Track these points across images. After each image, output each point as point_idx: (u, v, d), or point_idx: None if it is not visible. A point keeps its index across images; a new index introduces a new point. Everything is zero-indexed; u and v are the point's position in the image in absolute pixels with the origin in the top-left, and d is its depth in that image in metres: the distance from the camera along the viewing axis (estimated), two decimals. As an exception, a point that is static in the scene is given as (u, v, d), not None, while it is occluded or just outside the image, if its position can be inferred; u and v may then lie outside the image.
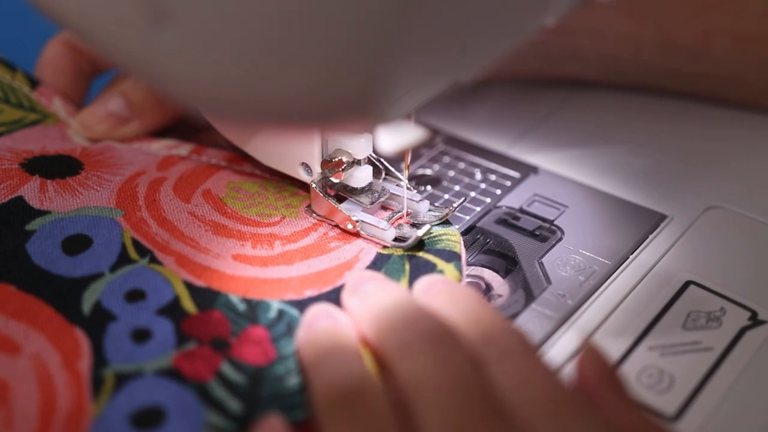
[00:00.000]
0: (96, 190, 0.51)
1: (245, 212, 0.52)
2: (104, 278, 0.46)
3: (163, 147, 0.56)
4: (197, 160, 0.55)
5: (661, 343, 0.48)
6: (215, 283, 0.47)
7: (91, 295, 0.46)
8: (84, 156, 0.54)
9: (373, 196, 0.53)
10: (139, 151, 0.56)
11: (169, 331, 0.44)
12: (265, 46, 0.34)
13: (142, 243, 0.48)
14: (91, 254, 0.48)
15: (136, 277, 0.47)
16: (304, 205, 0.53)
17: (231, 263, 0.49)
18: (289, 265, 0.49)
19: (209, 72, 0.36)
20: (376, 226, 0.51)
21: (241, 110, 0.39)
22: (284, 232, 0.51)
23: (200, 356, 0.43)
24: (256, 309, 0.46)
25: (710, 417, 0.45)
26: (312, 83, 0.35)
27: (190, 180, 0.53)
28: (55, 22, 0.39)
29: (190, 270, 0.48)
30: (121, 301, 0.46)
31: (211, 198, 0.52)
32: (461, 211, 0.56)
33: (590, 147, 0.62)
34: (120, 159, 0.54)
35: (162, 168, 0.54)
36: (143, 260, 0.48)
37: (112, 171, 0.53)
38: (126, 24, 0.36)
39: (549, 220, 0.56)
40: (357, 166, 0.52)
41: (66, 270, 0.47)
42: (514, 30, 0.40)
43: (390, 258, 0.50)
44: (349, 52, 0.34)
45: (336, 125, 0.45)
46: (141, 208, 0.50)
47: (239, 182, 0.54)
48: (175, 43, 0.35)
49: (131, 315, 0.45)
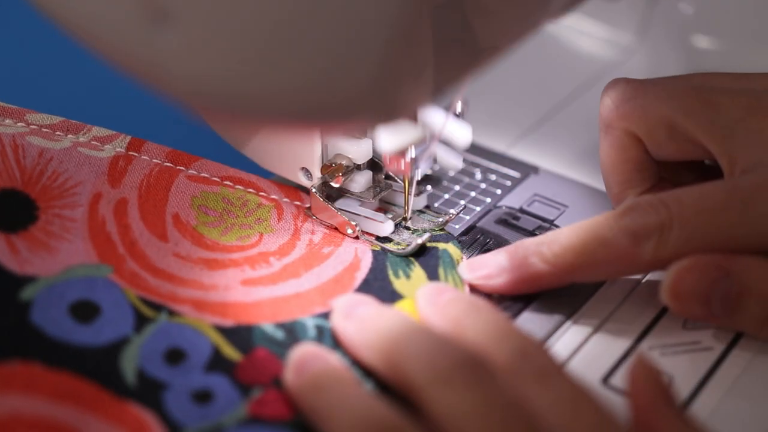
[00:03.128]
0: (68, 240, 0.48)
1: (224, 240, 0.50)
2: (134, 342, 0.44)
3: (92, 140, 0.53)
4: (144, 163, 0.52)
5: (661, 343, 0.48)
6: (242, 317, 0.46)
7: (129, 363, 0.43)
8: (27, 185, 0.50)
9: (375, 191, 0.53)
10: (75, 157, 0.52)
11: (228, 386, 0.43)
12: (266, 42, 0.34)
13: (149, 299, 0.46)
14: (106, 319, 0.45)
15: (165, 335, 0.45)
16: (274, 216, 0.52)
17: (243, 290, 0.48)
18: (297, 278, 0.49)
19: (211, 70, 0.36)
20: (373, 220, 0.51)
21: (243, 109, 0.39)
22: (271, 247, 0.51)
23: (271, 400, 0.42)
24: (293, 332, 0.46)
25: (710, 417, 0.45)
26: (313, 80, 0.35)
27: (154, 201, 0.51)
28: (56, 22, 0.39)
29: (212, 311, 0.46)
30: (163, 365, 0.43)
31: (186, 229, 0.50)
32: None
33: (590, 147, 0.62)
34: (66, 178, 0.51)
35: (114, 183, 0.51)
36: (162, 315, 0.46)
37: (68, 202, 0.50)
38: (126, 24, 0.36)
39: (549, 220, 0.56)
40: (357, 171, 0.52)
41: (89, 338, 0.44)
42: (514, 29, 0.40)
43: (387, 253, 0.51)
44: (349, 49, 0.34)
45: (336, 124, 0.45)
46: (125, 258, 0.48)
47: (201, 196, 0.52)
48: (176, 42, 0.35)
49: (182, 379, 0.43)
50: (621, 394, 0.45)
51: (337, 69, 0.35)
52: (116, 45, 0.38)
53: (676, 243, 0.45)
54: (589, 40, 0.72)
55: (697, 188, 0.47)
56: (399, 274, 0.50)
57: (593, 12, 0.72)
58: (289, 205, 0.53)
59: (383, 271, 0.50)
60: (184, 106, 0.41)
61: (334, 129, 0.50)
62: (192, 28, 0.35)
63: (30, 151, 0.51)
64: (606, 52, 0.71)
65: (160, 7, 0.35)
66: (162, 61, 0.37)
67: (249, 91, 0.37)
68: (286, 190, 0.54)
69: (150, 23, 0.35)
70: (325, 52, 0.34)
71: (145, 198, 0.51)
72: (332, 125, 0.45)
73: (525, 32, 0.41)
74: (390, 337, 0.42)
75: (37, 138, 0.51)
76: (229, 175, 0.53)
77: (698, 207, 0.46)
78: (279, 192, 0.53)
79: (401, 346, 0.42)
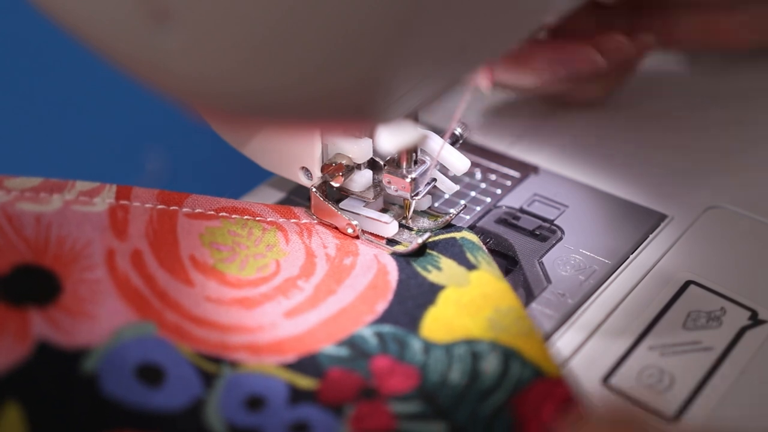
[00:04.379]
0: (102, 303, 0.46)
1: (245, 275, 0.50)
2: (210, 401, 0.43)
3: (79, 196, 0.50)
4: (140, 210, 0.51)
5: (661, 343, 0.48)
6: (301, 349, 0.46)
7: (215, 419, 0.43)
8: (38, 257, 0.47)
9: (376, 190, 0.53)
10: (72, 217, 0.49)
11: (319, 413, 0.43)
12: (266, 41, 0.34)
13: (204, 353, 0.45)
14: (175, 380, 0.44)
15: (237, 387, 0.44)
16: (281, 238, 0.52)
17: (290, 322, 0.47)
18: (334, 294, 0.49)
19: (211, 69, 0.36)
20: (378, 220, 0.51)
21: (243, 108, 0.39)
22: (293, 272, 0.50)
23: (366, 414, 0.43)
24: (356, 345, 0.46)
25: (710, 417, 0.45)
26: (313, 78, 0.35)
27: (166, 247, 0.50)
28: (56, 21, 0.39)
29: (269, 352, 0.46)
30: (248, 414, 0.43)
31: (207, 270, 0.50)
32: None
33: (590, 147, 0.62)
34: (73, 241, 0.48)
35: (120, 237, 0.49)
36: (225, 368, 0.45)
37: (85, 265, 0.48)
38: (127, 24, 0.36)
39: (549, 219, 0.56)
40: (357, 171, 0.52)
41: (165, 402, 0.43)
42: (514, 28, 0.40)
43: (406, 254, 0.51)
44: (349, 48, 0.34)
45: (336, 123, 0.45)
46: (163, 311, 0.47)
47: (207, 233, 0.51)
48: (176, 41, 0.35)
49: (274, 421, 0.43)
50: (621, 394, 0.45)
51: (337, 68, 0.35)
52: (117, 45, 0.38)
53: None
54: (589, 40, 0.72)
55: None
56: (428, 268, 0.50)
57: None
58: (290, 225, 0.53)
59: (413, 269, 0.50)
60: (185, 106, 0.41)
61: (334, 128, 0.50)
62: (192, 28, 0.35)
63: (26, 221, 0.48)
64: (606, 52, 0.71)
65: (161, 6, 0.35)
66: (162, 60, 0.37)
67: (249, 90, 0.37)
68: (279, 210, 0.53)
69: (150, 23, 0.35)
70: (325, 51, 0.34)
71: (156, 245, 0.49)
72: (332, 124, 0.45)
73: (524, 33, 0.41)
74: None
75: (27, 204, 0.48)
76: (222, 206, 0.52)
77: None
78: (274, 213, 0.53)
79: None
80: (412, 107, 0.42)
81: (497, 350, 0.45)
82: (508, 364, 0.44)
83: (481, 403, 0.43)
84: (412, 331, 0.46)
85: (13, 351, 0.43)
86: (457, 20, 0.37)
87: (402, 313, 0.47)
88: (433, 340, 0.46)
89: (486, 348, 0.45)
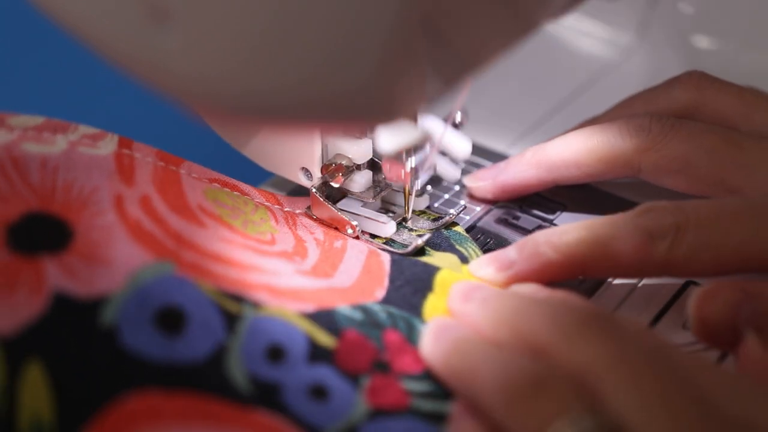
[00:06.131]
0: (116, 247, 0.44)
1: (249, 231, 0.49)
2: (233, 348, 0.42)
3: (83, 138, 0.49)
4: (143, 161, 0.50)
5: (661, 343, 0.48)
6: (319, 302, 0.45)
7: (237, 371, 0.42)
8: (46, 204, 0.45)
9: (375, 191, 0.53)
10: (79, 160, 0.48)
11: (337, 379, 0.43)
12: (265, 41, 0.34)
13: (226, 290, 0.44)
14: (197, 325, 0.42)
15: (260, 333, 0.43)
16: (271, 217, 0.52)
17: (303, 279, 0.47)
18: (331, 278, 0.48)
19: (211, 69, 0.36)
20: (376, 220, 0.51)
21: (242, 107, 0.39)
22: (287, 248, 0.50)
23: (381, 387, 0.43)
24: (369, 313, 0.46)
25: (710, 417, 0.45)
26: (312, 78, 0.35)
27: (173, 195, 0.49)
28: (56, 21, 0.39)
29: (290, 298, 0.45)
30: (269, 366, 0.42)
31: (216, 218, 0.49)
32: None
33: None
34: (80, 187, 0.47)
35: (128, 182, 0.48)
36: (246, 308, 0.44)
37: (94, 211, 0.46)
38: (126, 23, 0.36)
39: (549, 219, 0.56)
40: (357, 171, 0.52)
41: (188, 352, 0.42)
42: (512, 31, 0.40)
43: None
44: (348, 47, 0.34)
45: (335, 123, 0.45)
46: (179, 251, 0.45)
47: (209, 191, 0.51)
48: (175, 41, 0.35)
49: (292, 376, 0.42)
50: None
51: (336, 67, 0.35)
52: (116, 45, 0.38)
53: (691, 245, 0.45)
54: (589, 40, 0.72)
55: (713, 201, 0.47)
56: (419, 255, 0.50)
57: (593, 12, 0.72)
58: (276, 210, 0.53)
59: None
60: (185, 106, 0.41)
61: (334, 128, 0.50)
62: (192, 28, 0.35)
63: (32, 165, 0.46)
64: (606, 52, 0.71)
65: (160, 6, 0.35)
66: (162, 60, 0.37)
67: (248, 91, 0.37)
68: (264, 195, 0.53)
69: (150, 23, 0.35)
70: (324, 50, 0.34)
71: (164, 192, 0.48)
72: (331, 124, 0.45)
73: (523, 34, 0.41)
74: (512, 308, 0.43)
75: (32, 144, 0.47)
76: (215, 177, 0.52)
77: (714, 214, 0.46)
78: (260, 196, 0.53)
79: (525, 314, 0.42)
80: (412, 108, 0.42)
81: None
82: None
83: None
84: (415, 317, 0.46)
85: (29, 305, 0.41)
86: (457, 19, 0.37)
87: (401, 301, 0.47)
88: None
89: None
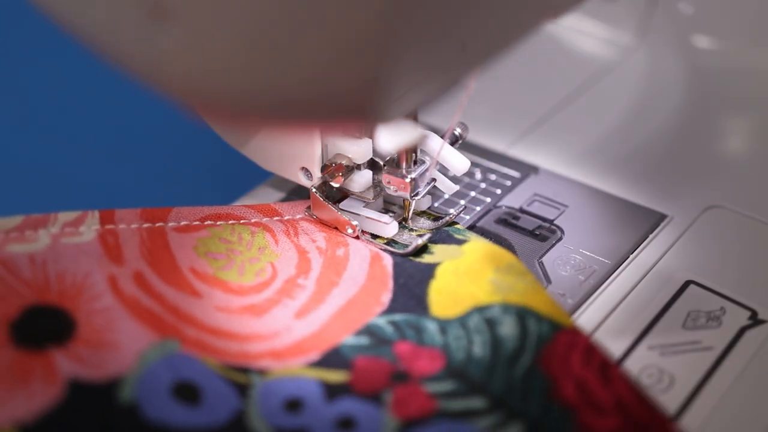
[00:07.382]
0: (120, 329, 0.45)
1: (246, 281, 0.49)
2: (251, 410, 0.43)
3: (64, 228, 0.49)
4: (128, 232, 0.50)
5: (661, 343, 0.48)
6: (323, 345, 0.46)
7: (261, 426, 0.42)
8: (42, 296, 0.46)
9: (375, 190, 0.53)
10: (64, 251, 0.48)
11: (359, 404, 0.43)
12: (264, 40, 0.34)
13: (231, 364, 0.45)
14: (212, 396, 0.43)
15: (273, 393, 0.44)
16: (270, 239, 0.52)
17: (302, 323, 0.47)
18: (337, 286, 0.49)
19: (210, 68, 0.36)
20: (378, 221, 0.51)
21: (242, 107, 0.39)
22: (291, 271, 0.50)
23: (405, 398, 0.43)
24: (374, 333, 0.46)
25: (710, 417, 0.45)
26: (312, 77, 0.35)
27: (165, 264, 0.49)
28: (56, 21, 0.39)
29: (292, 354, 0.46)
30: (290, 416, 0.43)
31: (209, 279, 0.49)
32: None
33: (590, 147, 0.62)
34: (73, 275, 0.47)
35: (116, 261, 0.48)
36: (253, 376, 0.44)
37: (91, 296, 0.46)
38: (125, 22, 0.36)
39: (549, 219, 0.56)
40: (357, 171, 0.52)
41: (210, 419, 0.42)
42: (514, 28, 0.40)
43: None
44: (348, 46, 0.34)
45: (335, 122, 0.45)
46: (180, 327, 0.46)
47: (200, 244, 0.51)
48: (174, 40, 0.35)
49: (318, 419, 0.43)
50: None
51: (336, 67, 0.35)
52: (116, 44, 0.38)
53: None
54: (589, 40, 0.72)
55: None
56: (421, 255, 0.50)
57: (593, 12, 0.72)
58: (275, 224, 0.53)
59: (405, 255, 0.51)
60: (185, 106, 0.41)
61: (334, 128, 0.50)
62: (191, 27, 0.35)
63: (21, 262, 0.47)
64: (606, 52, 0.71)
65: (159, 5, 0.35)
66: (161, 59, 0.37)
67: (248, 90, 0.37)
68: (260, 209, 0.53)
69: (149, 22, 0.35)
70: (324, 50, 0.34)
71: (155, 264, 0.49)
72: (332, 124, 0.45)
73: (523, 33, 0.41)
74: None
75: (16, 245, 0.47)
76: (206, 214, 0.52)
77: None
78: (257, 213, 0.53)
79: None
80: (412, 107, 0.42)
81: (510, 312, 0.45)
82: (524, 323, 0.45)
83: (511, 369, 0.43)
84: (423, 314, 0.46)
85: (45, 394, 0.42)
86: (457, 19, 0.37)
87: (407, 297, 0.47)
88: (445, 316, 0.46)
89: (498, 312, 0.46)
